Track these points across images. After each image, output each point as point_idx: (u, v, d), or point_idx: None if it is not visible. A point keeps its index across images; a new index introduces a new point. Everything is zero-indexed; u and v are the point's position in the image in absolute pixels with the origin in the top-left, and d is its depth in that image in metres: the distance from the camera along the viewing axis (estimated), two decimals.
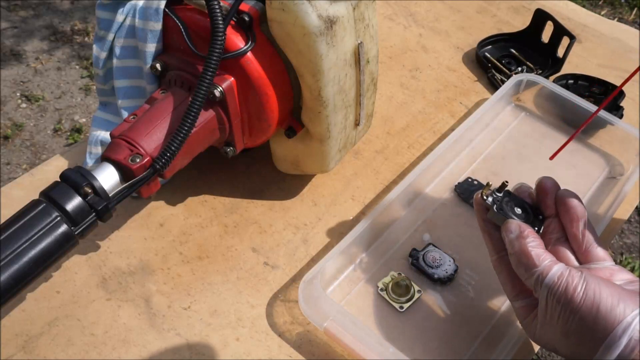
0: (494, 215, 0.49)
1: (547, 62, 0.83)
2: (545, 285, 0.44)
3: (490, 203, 0.49)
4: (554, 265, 0.44)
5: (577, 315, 0.42)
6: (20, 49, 2.03)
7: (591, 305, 0.41)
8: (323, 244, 0.61)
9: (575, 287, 0.42)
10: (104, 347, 0.52)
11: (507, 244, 0.48)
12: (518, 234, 0.47)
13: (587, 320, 0.41)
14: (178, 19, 0.54)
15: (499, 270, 0.49)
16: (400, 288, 0.56)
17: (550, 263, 0.44)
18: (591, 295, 0.42)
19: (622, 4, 2.41)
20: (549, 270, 0.44)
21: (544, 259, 0.45)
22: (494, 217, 0.49)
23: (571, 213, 0.49)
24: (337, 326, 0.51)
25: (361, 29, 0.54)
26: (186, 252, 0.59)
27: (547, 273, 0.44)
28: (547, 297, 0.44)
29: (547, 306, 0.44)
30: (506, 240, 0.48)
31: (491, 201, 0.49)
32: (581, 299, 0.42)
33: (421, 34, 0.88)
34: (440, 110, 0.77)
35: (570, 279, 0.43)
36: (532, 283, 0.45)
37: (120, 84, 0.59)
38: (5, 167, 1.68)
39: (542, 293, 0.44)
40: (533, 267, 0.45)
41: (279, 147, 0.61)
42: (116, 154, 0.49)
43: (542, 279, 0.44)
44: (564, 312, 0.43)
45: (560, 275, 0.43)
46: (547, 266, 0.44)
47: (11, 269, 0.43)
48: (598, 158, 0.71)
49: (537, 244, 0.46)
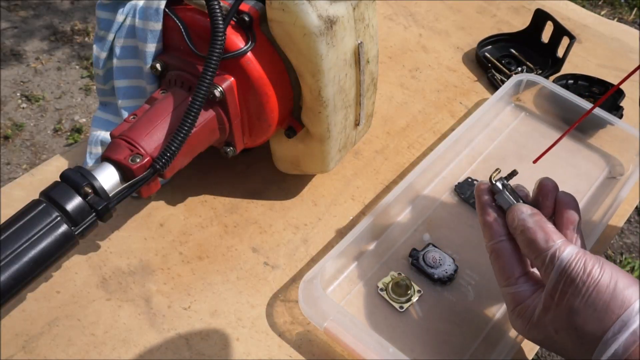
0: (504, 197, 0.50)
1: (547, 62, 0.83)
2: (563, 259, 0.44)
3: (501, 187, 0.50)
4: (569, 244, 0.45)
5: (595, 290, 0.42)
6: (20, 49, 2.03)
7: (609, 281, 0.42)
8: (323, 244, 0.61)
9: (593, 265, 0.43)
10: (104, 347, 0.52)
11: (516, 223, 0.48)
12: (532, 212, 0.47)
13: (604, 295, 0.42)
14: (178, 19, 0.54)
15: (497, 255, 0.49)
16: (400, 288, 0.56)
17: (567, 242, 0.45)
18: (609, 272, 0.42)
19: (622, 4, 2.41)
20: (566, 247, 0.44)
21: (560, 237, 0.46)
22: (503, 199, 0.50)
23: (569, 216, 0.50)
24: (337, 326, 0.51)
25: (361, 29, 0.54)
26: (186, 252, 0.59)
27: (565, 249, 0.44)
28: (561, 272, 0.44)
29: (559, 282, 0.44)
30: (516, 219, 0.48)
31: (501, 186, 0.50)
32: (600, 274, 0.42)
33: (421, 34, 0.88)
34: (440, 110, 0.77)
35: (588, 258, 0.44)
36: (545, 259, 0.45)
37: (120, 84, 0.59)
38: (5, 167, 1.68)
39: (557, 269, 0.44)
40: (550, 242, 0.45)
41: (279, 147, 0.61)
42: (116, 154, 0.49)
43: (560, 255, 0.44)
44: (579, 288, 0.43)
45: (577, 253, 0.44)
46: (565, 243, 0.45)
47: (11, 269, 0.43)
48: (598, 158, 0.71)
49: (551, 225, 0.47)
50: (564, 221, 0.50)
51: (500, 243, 0.49)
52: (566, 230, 0.50)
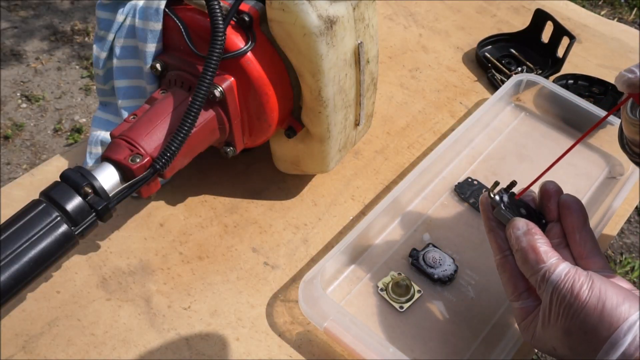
0: (501, 213, 0.49)
1: (547, 62, 0.83)
2: (552, 281, 0.44)
3: (498, 201, 0.49)
4: (560, 263, 0.44)
5: (582, 313, 0.42)
6: (20, 49, 2.03)
7: (597, 302, 0.41)
8: (323, 244, 0.61)
9: (581, 285, 0.42)
10: (104, 347, 0.52)
11: (512, 241, 0.47)
12: (526, 230, 0.47)
13: (592, 318, 0.41)
14: (178, 19, 0.54)
15: (502, 270, 0.49)
16: (400, 288, 0.56)
17: (558, 261, 0.44)
18: (597, 293, 0.42)
19: (622, 4, 2.41)
20: (557, 267, 0.44)
21: (552, 256, 0.45)
22: (501, 215, 0.49)
23: (574, 219, 0.49)
24: (337, 326, 0.51)
25: (361, 29, 0.54)
26: (186, 252, 0.59)
27: (555, 270, 0.44)
28: (552, 294, 0.44)
29: (552, 304, 0.44)
30: (512, 237, 0.47)
31: (498, 199, 0.49)
32: (587, 296, 0.42)
33: (421, 34, 0.88)
34: (440, 110, 0.77)
35: (577, 277, 0.43)
36: (537, 280, 0.45)
37: (120, 84, 0.59)
38: (5, 167, 1.68)
39: (547, 290, 0.44)
40: (541, 263, 0.45)
41: (279, 147, 0.61)
42: (116, 154, 0.49)
43: (549, 276, 0.44)
44: (568, 310, 0.42)
45: (567, 273, 0.43)
46: (555, 263, 0.44)
47: (11, 269, 0.43)
48: (598, 158, 0.71)
49: (544, 242, 0.46)
50: (569, 225, 0.49)
51: (505, 258, 0.49)
52: (575, 235, 0.49)
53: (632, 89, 0.42)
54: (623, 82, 0.42)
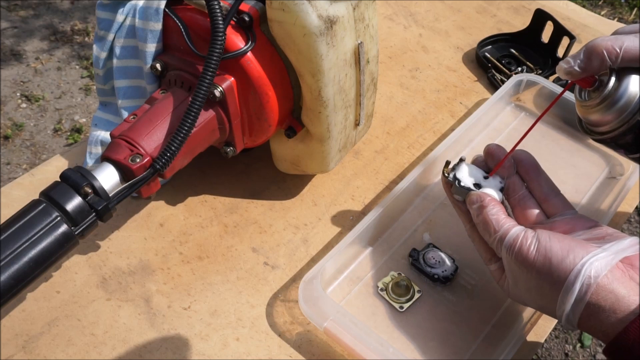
0: (457, 190, 0.53)
1: (547, 62, 0.83)
2: (504, 247, 0.48)
3: (452, 179, 0.53)
4: (511, 228, 0.48)
5: (534, 271, 0.45)
6: (20, 49, 2.03)
7: (544, 260, 0.45)
8: (323, 244, 0.61)
9: (529, 246, 0.46)
10: (104, 347, 0.52)
11: (472, 215, 0.51)
12: (480, 204, 0.50)
13: (543, 274, 0.45)
14: (178, 19, 0.54)
15: (473, 238, 0.53)
16: (400, 288, 0.56)
17: (508, 227, 0.48)
18: (543, 252, 0.45)
19: (622, 4, 2.41)
20: (507, 233, 0.48)
21: (503, 224, 0.48)
22: (457, 191, 0.53)
23: (527, 169, 0.54)
24: (337, 326, 0.51)
25: (361, 29, 0.54)
26: (186, 252, 0.59)
27: (505, 236, 0.48)
28: (507, 258, 0.48)
29: (509, 266, 0.48)
30: (471, 211, 0.52)
31: (452, 177, 0.53)
32: (534, 257, 0.45)
33: (421, 34, 0.88)
34: (440, 110, 0.77)
35: (524, 239, 0.46)
36: (495, 246, 0.49)
37: (120, 84, 0.59)
38: (5, 167, 1.68)
39: (503, 255, 0.48)
40: (494, 233, 0.48)
41: (279, 147, 0.61)
42: (116, 154, 0.49)
43: (502, 243, 0.48)
44: (523, 271, 0.46)
45: (515, 237, 0.47)
46: (505, 230, 0.48)
47: (11, 269, 0.43)
48: (598, 158, 0.71)
49: (496, 211, 0.50)
50: (524, 175, 0.54)
51: (472, 227, 0.52)
52: (530, 182, 0.54)
53: (571, 77, 0.47)
54: (563, 70, 0.47)
